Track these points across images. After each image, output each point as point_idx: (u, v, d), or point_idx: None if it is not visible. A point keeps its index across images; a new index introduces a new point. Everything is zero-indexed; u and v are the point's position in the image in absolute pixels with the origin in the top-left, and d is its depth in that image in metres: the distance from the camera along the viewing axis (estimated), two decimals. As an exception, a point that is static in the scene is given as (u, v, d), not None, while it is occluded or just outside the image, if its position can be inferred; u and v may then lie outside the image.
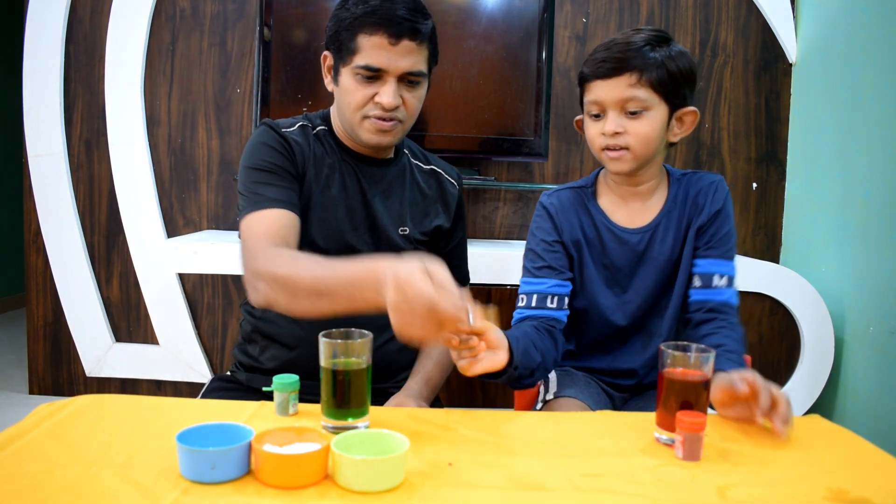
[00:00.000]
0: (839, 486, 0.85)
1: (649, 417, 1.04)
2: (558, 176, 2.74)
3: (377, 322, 1.00)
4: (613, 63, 1.24)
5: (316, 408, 1.02)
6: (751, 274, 2.41)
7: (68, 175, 2.64)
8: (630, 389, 1.41)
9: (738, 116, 2.76)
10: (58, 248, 2.65)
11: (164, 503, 0.74)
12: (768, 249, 2.79)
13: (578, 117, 1.37)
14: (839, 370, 2.34)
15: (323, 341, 0.95)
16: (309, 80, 2.48)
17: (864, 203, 2.21)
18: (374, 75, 1.27)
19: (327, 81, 1.38)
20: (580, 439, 1.00)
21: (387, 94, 1.27)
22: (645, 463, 0.92)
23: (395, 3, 1.25)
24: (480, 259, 2.33)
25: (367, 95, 1.28)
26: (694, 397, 0.97)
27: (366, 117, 1.30)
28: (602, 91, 1.26)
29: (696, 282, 1.31)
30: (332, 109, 1.41)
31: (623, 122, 1.25)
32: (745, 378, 1.01)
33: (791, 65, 2.72)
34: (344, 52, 1.29)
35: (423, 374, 1.38)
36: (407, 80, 1.29)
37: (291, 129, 1.37)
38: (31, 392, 2.77)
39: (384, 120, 1.30)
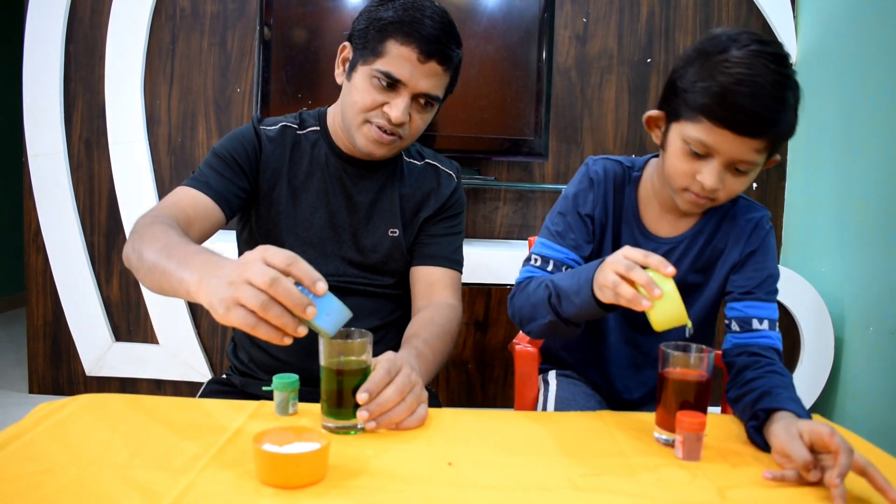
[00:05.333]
0: (839, 487, 0.85)
1: (649, 418, 1.04)
2: (558, 176, 2.74)
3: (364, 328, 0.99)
4: (757, 123, 1.04)
5: (316, 407, 1.02)
6: (751, 274, 2.40)
7: (68, 174, 2.64)
8: (626, 407, 1.37)
9: (739, 116, 2.75)
10: (58, 247, 2.65)
11: (164, 503, 0.74)
12: (768, 249, 2.79)
13: (653, 114, 1.20)
14: (839, 370, 2.33)
15: (323, 341, 0.95)
16: (309, 80, 2.48)
17: (864, 203, 2.21)
18: (391, 84, 1.23)
19: (338, 73, 1.33)
20: (580, 439, 1.00)
21: (397, 107, 1.23)
22: (645, 463, 0.92)
23: (435, 22, 1.22)
24: (480, 259, 2.33)
25: (377, 102, 1.24)
26: (694, 397, 0.96)
27: (367, 122, 1.26)
28: (725, 144, 1.07)
29: (734, 326, 1.20)
30: (333, 108, 1.38)
31: (725, 177, 1.11)
32: (835, 433, 0.86)
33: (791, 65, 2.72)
34: (367, 52, 1.24)
35: (412, 349, 1.17)
36: (421, 100, 1.26)
37: (272, 127, 1.36)
38: (31, 391, 2.77)
39: (385, 132, 1.26)
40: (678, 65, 1.14)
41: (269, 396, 1.05)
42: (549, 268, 1.23)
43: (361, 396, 0.93)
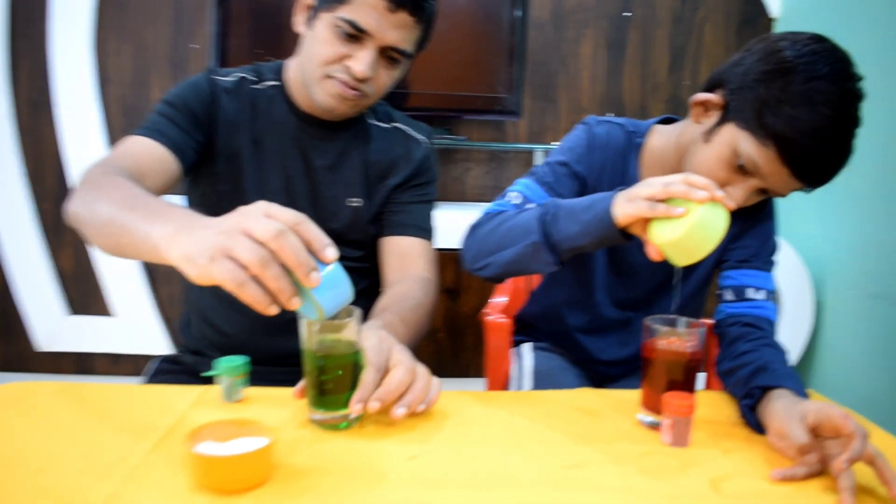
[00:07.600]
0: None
1: (632, 395, 0.96)
2: (532, 135, 2.64)
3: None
4: (821, 177, 1.05)
5: (268, 392, 0.92)
6: (731, 236, 2.35)
7: (16, 138, 2.49)
8: (606, 380, 1.32)
9: (718, 73, 2.67)
10: (5, 215, 2.51)
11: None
12: (747, 210, 2.73)
13: (712, 99, 1.07)
14: (819, 333, 2.30)
15: (305, 321, 0.83)
16: (270, 35, 2.34)
17: (848, 164, 2.14)
18: (355, 35, 1.10)
19: (299, 21, 1.19)
20: (558, 424, 0.91)
21: (362, 61, 1.11)
22: (629, 450, 0.84)
23: None
24: (451, 223, 2.23)
25: (339, 54, 1.12)
26: (682, 376, 0.88)
27: (329, 76, 1.14)
28: (777, 178, 1.02)
29: (728, 295, 1.15)
30: (290, 60, 1.26)
31: (752, 196, 1.06)
32: (849, 417, 0.79)
33: (772, 20, 2.63)
34: None
35: (380, 320, 1.04)
36: (388, 54, 1.14)
37: (227, 78, 1.23)
38: (-18, 368, 2.65)
39: (348, 87, 1.14)
40: (759, 66, 1.00)
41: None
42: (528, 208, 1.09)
43: (356, 408, 0.82)
